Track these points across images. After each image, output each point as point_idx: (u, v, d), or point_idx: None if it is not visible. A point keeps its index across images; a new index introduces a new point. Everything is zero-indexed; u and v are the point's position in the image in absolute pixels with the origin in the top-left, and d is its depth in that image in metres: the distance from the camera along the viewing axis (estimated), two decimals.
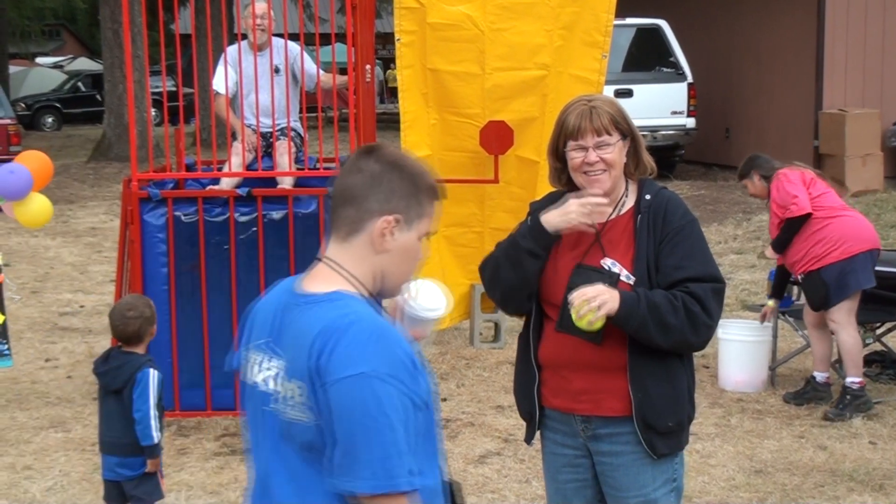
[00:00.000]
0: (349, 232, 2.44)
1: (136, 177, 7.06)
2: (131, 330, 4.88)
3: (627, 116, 3.53)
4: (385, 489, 2.24)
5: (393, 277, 2.48)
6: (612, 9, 7.88)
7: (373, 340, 2.29)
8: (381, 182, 2.41)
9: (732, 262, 11.78)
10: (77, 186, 18.90)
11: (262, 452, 2.45)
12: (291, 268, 6.98)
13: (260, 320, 2.52)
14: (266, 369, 2.43)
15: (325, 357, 2.27)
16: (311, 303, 2.39)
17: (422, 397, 2.32)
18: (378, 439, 2.24)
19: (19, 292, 10.61)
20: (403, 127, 7.95)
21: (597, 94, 3.63)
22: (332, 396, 2.26)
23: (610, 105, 3.51)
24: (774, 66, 17.84)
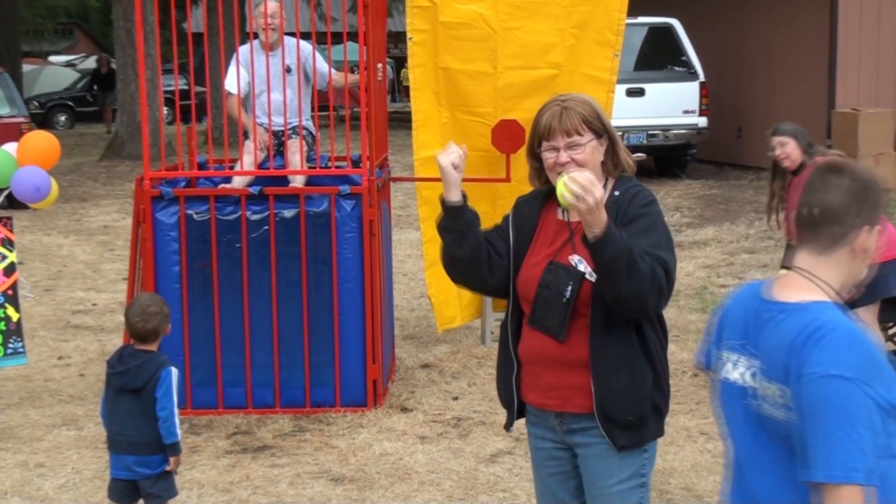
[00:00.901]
0: (829, 245, 2.68)
1: (148, 175, 7.08)
2: (150, 327, 4.89)
3: (602, 115, 3.56)
4: (839, 479, 2.45)
5: (854, 277, 2.74)
6: (625, 8, 7.87)
7: (848, 346, 2.53)
8: (858, 197, 2.69)
9: (744, 261, 11.76)
10: (90, 185, 18.95)
11: (740, 442, 2.76)
12: (303, 266, 7.00)
13: (730, 322, 2.83)
14: (742, 367, 2.74)
15: (802, 357, 2.54)
16: (788, 311, 2.65)
17: (891, 402, 2.52)
18: (839, 435, 2.46)
19: (33, 290, 10.64)
20: (415, 125, 7.96)
21: (572, 94, 3.63)
22: (803, 392, 2.52)
23: (583, 105, 3.53)
24: (787, 65, 17.80)
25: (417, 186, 8.20)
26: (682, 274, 11.07)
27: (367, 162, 7.13)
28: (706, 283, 10.72)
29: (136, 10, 7.29)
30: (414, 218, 12.62)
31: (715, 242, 12.78)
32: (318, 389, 7.08)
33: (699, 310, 9.64)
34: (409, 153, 10.60)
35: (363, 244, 7.01)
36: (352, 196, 7.04)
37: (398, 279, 10.34)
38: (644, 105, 17.27)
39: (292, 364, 7.06)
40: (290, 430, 6.81)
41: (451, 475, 6.05)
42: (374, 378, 7.06)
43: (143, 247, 7.04)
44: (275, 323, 7.04)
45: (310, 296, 7.04)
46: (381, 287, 7.24)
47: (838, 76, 16.54)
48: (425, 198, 8.13)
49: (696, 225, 13.90)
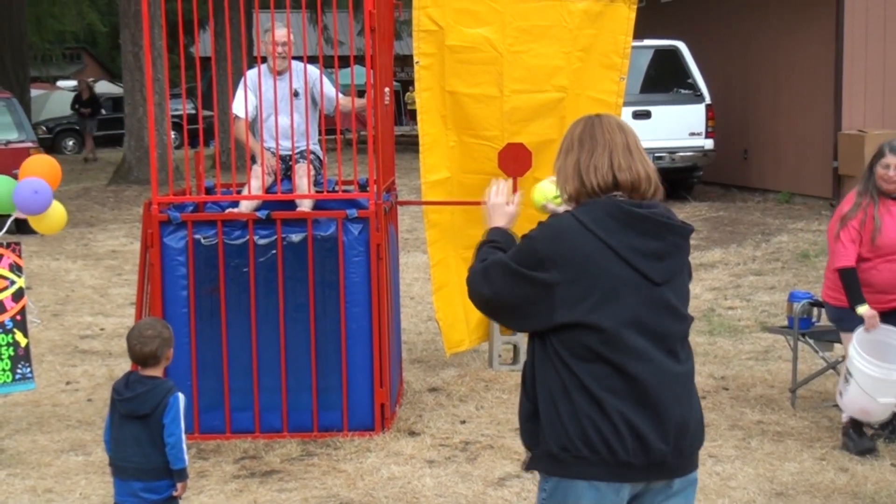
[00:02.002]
0: None
1: (156, 200, 7.10)
2: (148, 350, 4.87)
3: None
4: None
5: None
6: (630, 31, 7.90)
7: None
8: None
9: (752, 283, 11.74)
10: (97, 209, 19.00)
11: None
12: (310, 291, 7.00)
13: None
14: None
15: None
16: None
17: None
18: None
19: (40, 315, 10.65)
20: (423, 149, 7.97)
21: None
22: None
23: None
24: (792, 87, 17.81)
25: (425, 210, 8.21)
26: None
27: (374, 186, 7.15)
28: (713, 306, 10.71)
29: (145, 34, 7.33)
30: (421, 241, 12.63)
31: (722, 265, 12.77)
32: (326, 413, 7.08)
33: (707, 332, 9.62)
34: (415, 176, 10.61)
35: (370, 268, 7.02)
36: (359, 220, 7.05)
37: (405, 303, 10.34)
38: (650, 127, 17.29)
39: (300, 388, 7.06)
40: (298, 454, 6.80)
41: (460, 499, 6.03)
42: (381, 402, 7.05)
43: (150, 271, 7.05)
44: (282, 347, 7.04)
45: (317, 320, 7.04)
46: (389, 311, 7.24)
47: (844, 98, 16.54)
48: (432, 221, 8.13)
49: (703, 247, 13.89)
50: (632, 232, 3.34)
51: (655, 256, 3.35)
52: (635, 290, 3.33)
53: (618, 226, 3.33)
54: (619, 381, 3.31)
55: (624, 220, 3.34)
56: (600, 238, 3.32)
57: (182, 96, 28.64)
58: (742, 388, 8.04)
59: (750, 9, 18.87)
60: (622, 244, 3.32)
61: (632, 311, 3.32)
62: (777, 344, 9.07)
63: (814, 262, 12.27)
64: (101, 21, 48.78)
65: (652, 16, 20.68)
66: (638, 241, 3.34)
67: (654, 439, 3.32)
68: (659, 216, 3.38)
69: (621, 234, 3.33)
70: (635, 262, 3.33)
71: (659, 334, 3.36)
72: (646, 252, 3.34)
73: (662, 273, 3.36)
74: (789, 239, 14.05)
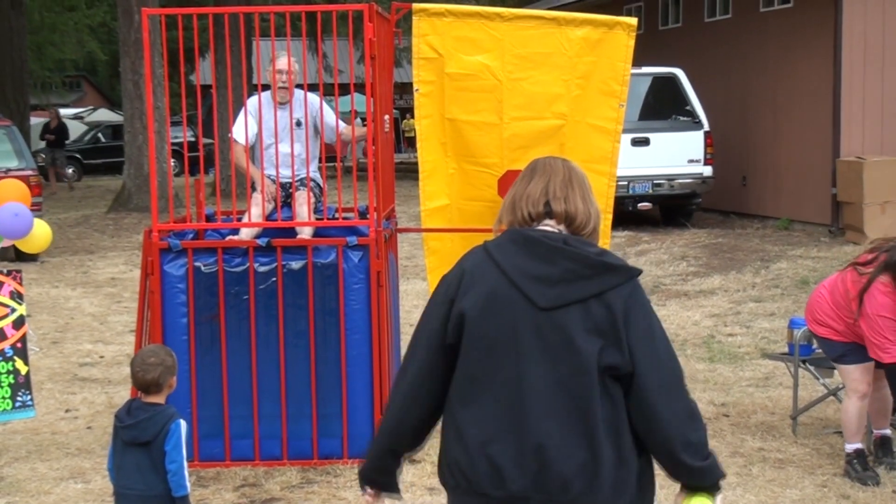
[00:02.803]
0: None
1: (156, 227, 7.11)
2: (150, 377, 4.88)
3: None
4: None
5: None
6: (629, 58, 7.92)
7: None
8: None
9: (751, 310, 11.74)
10: (97, 237, 19.01)
11: None
12: (310, 318, 7.00)
13: None
14: None
15: None
16: None
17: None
18: None
19: (39, 343, 10.64)
20: (422, 176, 7.98)
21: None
22: None
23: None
24: (791, 114, 17.87)
25: (424, 237, 8.21)
26: (688, 323, 11.06)
27: (374, 213, 7.16)
28: (713, 332, 10.71)
29: (146, 62, 7.36)
30: (420, 268, 12.63)
31: (721, 291, 12.78)
32: (326, 441, 7.06)
33: (707, 359, 9.62)
34: (414, 203, 10.61)
35: (371, 295, 7.02)
36: (359, 247, 7.06)
37: (405, 330, 10.32)
38: (649, 154, 17.35)
39: (300, 416, 7.05)
40: (298, 482, 6.78)
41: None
42: None
43: (151, 299, 7.05)
44: (282, 374, 7.03)
45: (317, 347, 7.04)
46: (389, 338, 7.24)
47: (843, 124, 16.59)
48: (432, 248, 8.14)
49: (703, 274, 13.90)
50: (524, 255, 3.27)
51: (545, 280, 3.22)
52: (518, 311, 3.23)
53: (514, 249, 3.29)
54: (483, 404, 3.26)
55: (520, 243, 3.29)
56: (495, 261, 3.29)
57: (182, 124, 28.75)
58: (743, 415, 8.02)
59: (748, 36, 18.96)
60: (511, 265, 3.26)
61: (509, 329, 3.23)
62: (777, 371, 9.06)
63: (812, 289, 12.26)
64: (101, 49, 48.95)
65: (650, 43, 20.77)
66: (527, 264, 3.25)
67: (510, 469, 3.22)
68: (554, 240, 3.27)
69: (514, 257, 3.27)
70: (519, 283, 3.23)
71: (541, 360, 3.21)
72: (534, 275, 3.24)
73: (551, 298, 3.21)
74: (789, 265, 14.07)
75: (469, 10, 8.03)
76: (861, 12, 16.47)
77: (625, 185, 16.83)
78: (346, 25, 12.17)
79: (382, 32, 7.40)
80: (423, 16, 7.79)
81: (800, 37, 17.54)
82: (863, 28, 16.50)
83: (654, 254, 15.50)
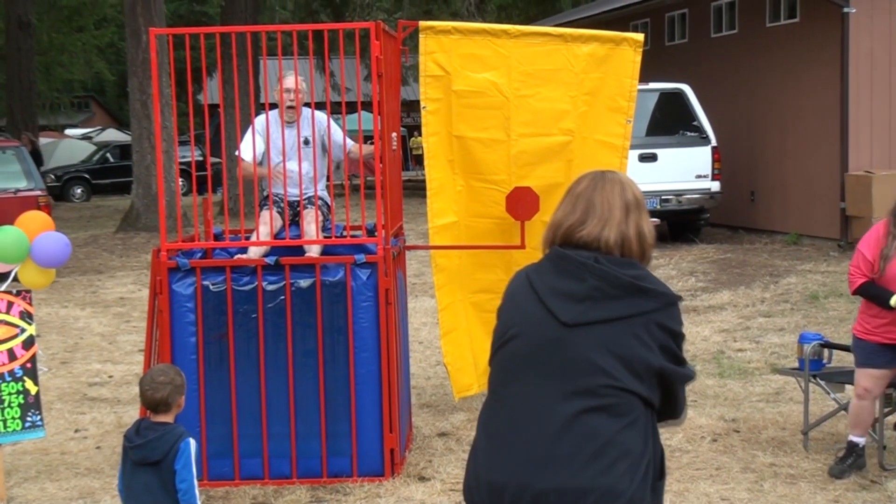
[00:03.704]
0: None
1: (164, 247, 7.12)
2: (160, 396, 4.87)
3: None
4: None
5: None
6: (636, 74, 7.93)
7: None
8: None
9: (761, 325, 11.71)
10: (106, 257, 19.04)
11: None
12: (319, 336, 7.00)
13: None
14: None
15: None
16: None
17: None
18: None
19: (49, 363, 10.65)
20: (430, 194, 7.99)
21: None
22: None
23: None
24: (798, 128, 17.87)
25: (432, 254, 8.22)
26: (698, 339, 11.03)
27: (382, 231, 7.16)
28: (723, 348, 10.68)
29: (154, 82, 7.38)
30: (429, 286, 12.63)
31: (731, 307, 12.75)
32: (336, 459, 7.05)
33: (716, 374, 9.59)
34: (422, 221, 10.62)
35: (379, 313, 7.02)
36: (367, 265, 7.06)
37: (414, 347, 10.32)
38: (657, 170, 17.34)
39: (309, 434, 7.04)
40: (308, 500, 6.77)
41: None
42: (391, 447, 7.03)
43: (159, 318, 7.05)
44: (291, 393, 7.03)
45: (326, 365, 7.04)
46: (398, 356, 7.23)
47: (851, 139, 16.58)
48: (440, 265, 8.14)
49: (711, 289, 13.87)
50: (555, 272, 3.27)
51: (570, 297, 3.21)
52: (542, 326, 3.23)
53: (548, 266, 3.31)
54: (496, 417, 3.29)
55: (554, 261, 3.31)
56: (530, 280, 3.33)
57: (190, 143, 28.82)
58: (753, 431, 7.99)
59: (755, 51, 18.97)
60: (542, 283, 3.28)
61: (531, 344, 3.24)
62: (788, 386, 9.03)
63: (823, 304, 12.24)
64: (109, 70, 49.19)
65: (657, 59, 20.80)
66: (556, 280, 3.25)
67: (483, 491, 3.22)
68: (584, 257, 3.24)
69: (546, 275, 3.29)
70: (546, 299, 3.24)
71: (556, 376, 3.19)
72: (561, 291, 3.23)
73: (575, 315, 3.19)
74: (798, 280, 14.04)
75: (476, 28, 8.05)
76: (867, 25, 16.48)
77: None
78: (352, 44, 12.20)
79: (389, 50, 7.41)
80: (430, 33, 7.81)
81: (806, 51, 17.55)
82: (869, 42, 16.51)
83: (662, 270, 15.48)
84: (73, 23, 40.91)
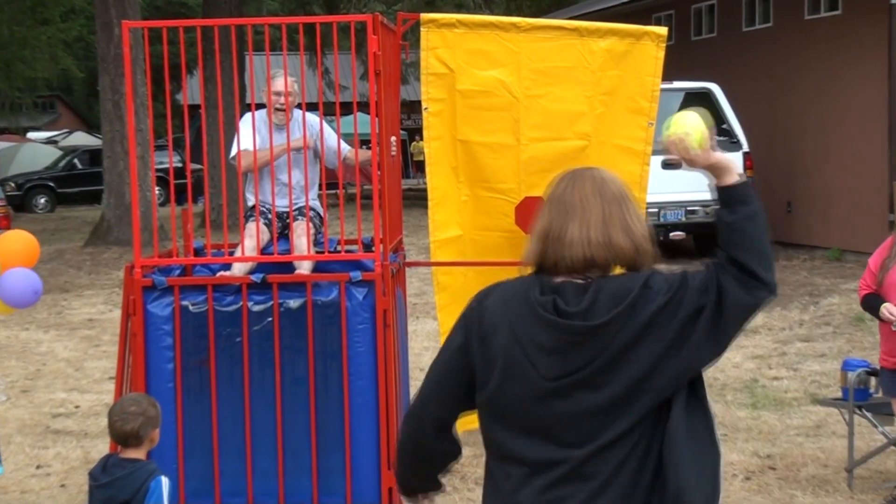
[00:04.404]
0: None
1: (138, 262, 7.13)
2: (129, 428, 4.86)
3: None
4: None
5: None
6: (659, 72, 7.94)
7: None
8: None
9: (799, 350, 11.71)
10: (72, 274, 19.06)
11: None
12: (310, 362, 7.00)
13: None
14: None
15: None
16: None
17: None
18: None
19: (8, 392, 10.66)
20: (431, 204, 8.00)
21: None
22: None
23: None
24: (841, 132, 17.89)
25: (434, 272, 8.23)
26: (728, 365, 11.04)
27: (380, 245, 7.17)
28: (756, 376, 10.68)
29: (126, 80, 7.40)
30: (431, 306, 12.64)
31: (765, 330, 12.75)
32: (328, 498, 7.06)
33: (749, 405, 9.59)
34: (424, 234, 10.63)
35: (376, 336, 7.03)
36: (364, 283, 7.07)
37: (415, 375, 10.31)
38: (681, 178, 17.28)
39: (299, 471, 7.04)
40: None
41: None
42: (389, 486, 7.03)
43: (132, 342, 7.06)
44: (279, 425, 7.03)
45: (318, 395, 7.04)
46: (397, 384, 7.24)
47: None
48: (442, 284, 8.15)
49: None
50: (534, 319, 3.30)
51: (549, 351, 3.25)
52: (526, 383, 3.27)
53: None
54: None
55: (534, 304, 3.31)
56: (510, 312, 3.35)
57: (168, 148, 28.88)
58: (791, 468, 7.99)
59: (790, 47, 19.00)
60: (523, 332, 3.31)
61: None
62: (830, 418, 9.03)
63: (869, 327, 12.24)
64: (78, 66, 49.20)
65: (682, 55, 20.84)
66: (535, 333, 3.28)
67: None
68: (561, 308, 3.27)
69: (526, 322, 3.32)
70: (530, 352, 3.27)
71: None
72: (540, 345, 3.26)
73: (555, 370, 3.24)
74: (841, 301, 14.03)
75: (482, 21, 8.07)
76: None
77: (655, 213, 16.84)
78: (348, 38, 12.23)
79: (388, 46, 7.44)
80: (433, 27, 7.83)
81: (849, 46, 17.58)
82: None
83: None
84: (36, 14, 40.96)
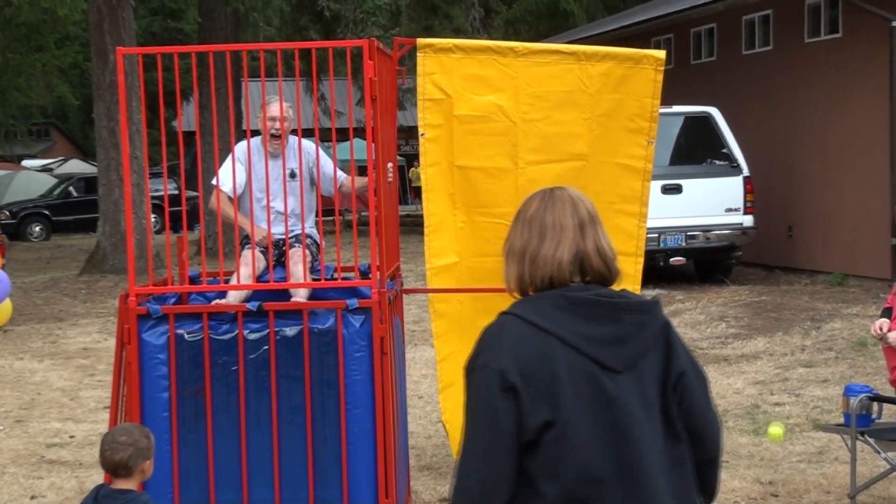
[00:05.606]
0: None
1: (133, 291, 7.12)
2: (118, 458, 4.83)
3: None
4: None
5: None
6: (658, 94, 7.95)
7: None
8: None
9: (801, 376, 11.70)
10: (67, 302, 19.05)
11: None
12: (307, 390, 7.00)
13: None
14: None
15: None
16: None
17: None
18: None
19: (2, 422, 10.64)
20: (428, 231, 8.00)
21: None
22: None
23: None
24: (842, 156, 17.91)
25: (430, 299, 8.23)
26: (729, 391, 11.02)
27: (377, 272, 7.17)
28: (758, 402, 10.67)
29: (121, 108, 7.42)
30: (429, 334, 12.62)
31: (766, 355, 12.74)
32: None
33: (751, 432, 9.57)
34: (422, 261, 10.62)
35: (374, 365, 7.02)
36: (361, 311, 7.06)
37: (413, 403, 10.32)
38: (682, 203, 17.38)
39: (295, 501, 7.02)
40: None
41: None
42: None
43: (127, 371, 7.05)
44: (276, 455, 7.01)
45: (315, 423, 7.02)
46: (395, 412, 7.22)
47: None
48: (439, 311, 8.14)
49: (745, 336, 13.86)
50: (580, 319, 3.33)
51: (613, 342, 3.30)
52: (590, 380, 3.28)
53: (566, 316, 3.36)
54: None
55: (570, 309, 3.35)
56: (549, 331, 3.35)
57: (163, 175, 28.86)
58: (794, 495, 7.98)
59: (792, 70, 19.04)
60: (573, 334, 3.31)
61: (587, 403, 3.27)
62: (832, 444, 9.01)
63: (872, 352, 12.23)
64: (73, 94, 49.31)
65: (681, 79, 20.90)
66: (589, 329, 3.31)
67: None
68: (606, 296, 3.36)
69: (572, 325, 3.33)
70: (589, 350, 3.29)
71: (620, 426, 3.28)
72: (600, 339, 3.30)
73: (623, 359, 3.31)
74: (843, 325, 14.03)
75: (480, 45, 8.09)
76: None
77: (655, 238, 16.83)
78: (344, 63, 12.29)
79: (384, 71, 7.45)
80: (429, 52, 7.85)
81: (850, 69, 17.63)
82: None
83: (689, 314, 15.48)
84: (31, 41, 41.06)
